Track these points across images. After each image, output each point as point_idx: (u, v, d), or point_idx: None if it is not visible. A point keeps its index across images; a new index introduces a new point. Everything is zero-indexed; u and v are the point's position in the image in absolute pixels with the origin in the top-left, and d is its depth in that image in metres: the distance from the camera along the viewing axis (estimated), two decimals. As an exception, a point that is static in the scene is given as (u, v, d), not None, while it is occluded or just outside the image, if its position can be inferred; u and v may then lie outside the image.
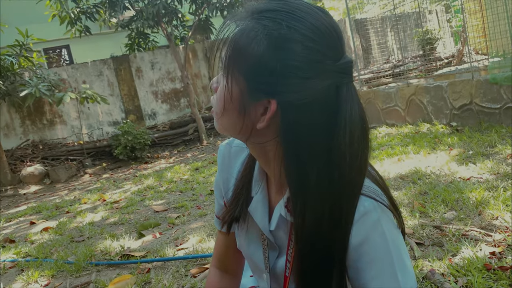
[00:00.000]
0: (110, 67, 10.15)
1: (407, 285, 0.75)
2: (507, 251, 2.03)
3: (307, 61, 0.71)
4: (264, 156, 0.84)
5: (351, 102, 0.72)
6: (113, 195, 5.66)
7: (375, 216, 0.75)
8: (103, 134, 9.91)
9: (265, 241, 0.94)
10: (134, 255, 3.04)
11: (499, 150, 3.81)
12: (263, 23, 0.72)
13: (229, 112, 0.78)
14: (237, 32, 0.75)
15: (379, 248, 0.75)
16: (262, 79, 0.72)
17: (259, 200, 0.92)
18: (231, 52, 0.75)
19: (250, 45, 0.72)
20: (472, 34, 10.00)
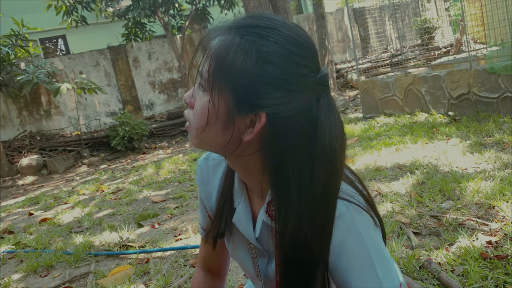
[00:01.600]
0: (107, 57, 10.10)
1: (388, 283, 0.76)
2: (504, 240, 2.04)
3: (293, 75, 0.74)
4: (245, 167, 0.85)
5: (331, 112, 0.76)
6: (111, 186, 5.66)
7: (348, 217, 0.77)
8: (101, 125, 9.89)
9: (252, 250, 0.96)
10: (132, 245, 3.06)
11: (497, 140, 3.82)
12: (250, 39, 0.74)
13: (213, 126, 0.79)
14: (221, 46, 0.76)
15: (356, 248, 0.76)
16: (252, 93, 0.74)
17: (241, 210, 0.94)
18: (216, 66, 0.76)
19: (238, 60, 0.74)
20: (471, 23, 9.97)
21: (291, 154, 0.75)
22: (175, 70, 10.59)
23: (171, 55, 10.43)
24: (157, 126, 9.43)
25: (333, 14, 13.05)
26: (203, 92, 0.79)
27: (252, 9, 8.44)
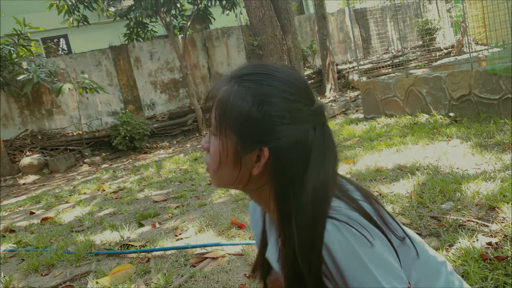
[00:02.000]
0: (109, 57, 10.11)
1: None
2: (504, 242, 2.05)
3: (288, 110, 0.84)
4: (262, 199, 0.94)
5: (326, 140, 0.88)
6: (112, 185, 5.67)
7: (339, 236, 0.81)
8: (102, 124, 9.91)
9: None
10: (133, 244, 3.06)
11: (497, 141, 3.82)
12: (245, 85, 0.86)
13: (225, 165, 0.90)
14: (223, 95, 0.88)
15: (354, 264, 0.81)
16: (253, 132, 0.85)
17: (271, 244, 1.02)
18: (221, 113, 0.87)
19: (237, 105, 0.85)
20: (472, 25, 9.97)
21: (291, 181, 0.85)
22: (177, 70, 10.60)
23: (172, 55, 10.44)
24: (158, 126, 9.44)
25: (335, 15, 13.06)
26: (214, 137, 0.90)
27: (253, 10, 8.45)
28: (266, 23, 8.50)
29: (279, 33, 8.70)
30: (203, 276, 2.38)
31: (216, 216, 3.35)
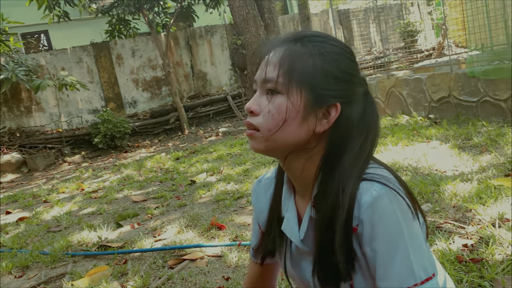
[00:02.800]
0: (90, 53, 9.97)
1: (420, 266, 0.82)
2: (479, 244, 2.07)
3: (354, 70, 0.91)
4: (305, 163, 0.93)
5: (374, 105, 0.94)
6: (91, 185, 5.59)
7: (387, 201, 0.83)
8: (83, 122, 9.76)
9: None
10: (111, 246, 3.02)
11: (475, 143, 3.88)
12: (310, 45, 0.89)
13: (291, 123, 0.88)
14: (287, 54, 0.89)
15: (392, 231, 0.82)
16: (330, 86, 0.88)
17: (289, 216, 1.00)
18: (289, 69, 0.88)
19: (309, 61, 0.87)
20: (453, 27, 10.11)
21: (352, 136, 0.89)
22: (159, 68, 10.50)
23: (155, 52, 10.34)
24: (140, 124, 9.34)
25: (318, 16, 13.11)
26: (274, 95, 0.88)
27: (237, 9, 8.42)
28: (249, 22, 8.47)
29: (262, 33, 8.69)
30: (181, 278, 2.35)
31: (196, 217, 3.33)
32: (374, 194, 0.83)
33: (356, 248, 0.87)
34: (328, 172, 0.90)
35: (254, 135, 0.90)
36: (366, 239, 0.84)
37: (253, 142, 0.92)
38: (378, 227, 0.82)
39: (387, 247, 0.82)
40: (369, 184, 0.85)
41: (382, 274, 0.83)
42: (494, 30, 5.32)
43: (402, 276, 0.81)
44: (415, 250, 0.82)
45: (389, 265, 0.82)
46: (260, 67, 0.92)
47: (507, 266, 1.82)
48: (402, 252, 0.81)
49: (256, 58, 0.94)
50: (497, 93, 4.62)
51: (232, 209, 3.46)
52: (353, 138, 0.89)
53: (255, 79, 0.92)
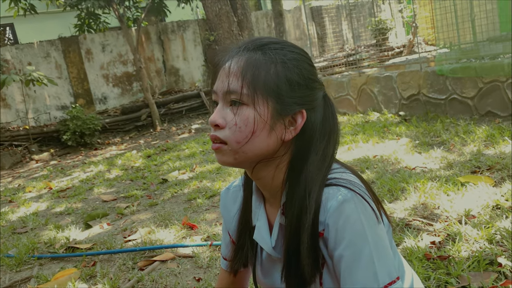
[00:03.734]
0: (58, 48, 9.70)
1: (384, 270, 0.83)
2: (446, 241, 2.11)
3: (314, 75, 0.92)
4: (274, 171, 0.93)
5: (333, 107, 0.95)
6: (60, 183, 5.45)
7: (352, 205, 0.84)
8: (51, 119, 9.50)
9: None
10: (79, 247, 2.95)
11: (443, 140, 3.96)
12: (271, 53, 0.88)
13: (260, 134, 0.88)
14: (248, 64, 0.87)
15: (357, 234, 0.83)
16: (294, 94, 0.88)
17: (260, 225, 0.99)
18: (253, 80, 0.86)
19: (271, 71, 0.87)
20: (423, 26, 10.30)
21: (315, 140, 0.91)
22: (130, 63, 10.31)
23: (126, 47, 10.15)
24: (110, 121, 9.16)
25: (291, 12, 13.13)
26: (240, 107, 0.87)
27: (209, 4, 8.34)
28: (222, 18, 8.41)
29: (235, 29, 8.64)
30: (151, 280, 2.31)
31: (168, 217, 3.28)
32: (340, 199, 0.83)
33: (324, 252, 0.88)
34: (295, 178, 0.90)
35: (222, 148, 0.89)
36: (331, 243, 0.85)
37: (220, 155, 0.90)
38: (343, 232, 0.83)
39: (351, 252, 0.83)
40: (335, 189, 0.86)
41: (346, 278, 0.84)
42: (462, 29, 5.45)
43: (366, 280, 0.82)
44: (379, 254, 0.83)
45: (353, 270, 0.83)
46: (219, 77, 0.90)
47: (472, 262, 1.86)
48: (366, 257, 0.82)
49: (213, 67, 0.93)
50: (465, 91, 4.73)
51: (205, 208, 3.43)
52: (317, 143, 0.91)
53: (214, 90, 0.91)
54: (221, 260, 1.19)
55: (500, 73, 4.37)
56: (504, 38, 5.80)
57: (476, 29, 5.72)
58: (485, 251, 1.94)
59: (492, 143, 3.58)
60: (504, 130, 3.81)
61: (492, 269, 1.81)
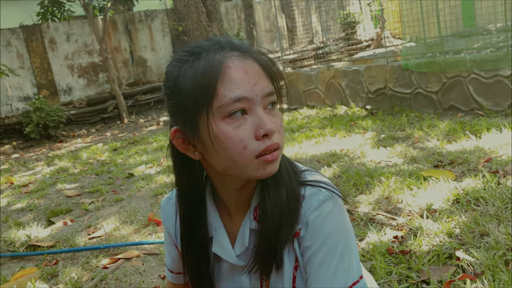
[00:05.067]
0: (20, 37, 9.33)
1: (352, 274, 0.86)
2: (408, 235, 2.16)
3: None
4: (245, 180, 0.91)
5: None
6: (22, 178, 5.28)
7: (331, 204, 0.86)
8: (13, 110, 9.16)
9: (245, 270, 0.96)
10: (41, 245, 2.87)
11: (408, 134, 4.04)
12: (261, 53, 0.91)
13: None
14: (263, 62, 0.88)
15: (334, 230, 0.85)
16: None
17: (219, 236, 0.95)
18: (275, 78, 0.89)
19: (275, 67, 0.91)
20: (391, 19, 10.45)
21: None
22: (96, 53, 10.04)
23: (91, 37, 9.87)
24: (75, 113, 8.91)
25: (261, 4, 13.08)
26: (275, 107, 0.86)
27: (178, -5, 8.22)
28: (191, 8, 8.30)
29: (204, 20, 8.54)
30: (115, 279, 2.27)
31: (133, 213, 3.23)
32: (320, 199, 0.86)
33: (297, 251, 0.89)
34: (270, 180, 0.89)
35: (277, 156, 0.85)
36: (307, 241, 0.86)
37: (277, 164, 0.85)
38: (322, 230, 0.85)
39: (326, 249, 0.85)
40: (316, 189, 0.88)
41: (316, 274, 0.85)
42: (427, 24, 5.55)
43: (336, 277, 0.84)
44: (351, 253, 0.86)
45: (324, 266, 0.84)
46: (241, 82, 0.80)
47: (432, 257, 1.91)
48: (339, 255, 0.85)
49: (210, 75, 0.80)
50: (429, 86, 4.84)
51: (171, 203, 3.38)
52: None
53: (247, 96, 0.80)
54: (166, 272, 1.13)
55: (462, 68, 4.49)
56: (467, 34, 5.96)
57: (441, 24, 5.85)
58: (444, 245, 1.99)
59: (454, 137, 3.68)
60: (465, 125, 3.92)
61: (451, 262, 1.86)
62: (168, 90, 0.85)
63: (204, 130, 0.81)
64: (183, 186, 0.95)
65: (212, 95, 0.79)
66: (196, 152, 0.86)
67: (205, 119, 0.80)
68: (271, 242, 0.87)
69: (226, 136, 0.79)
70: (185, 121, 0.84)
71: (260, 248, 0.89)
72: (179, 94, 0.82)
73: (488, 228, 2.04)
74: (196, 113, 0.81)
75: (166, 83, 0.87)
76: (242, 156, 0.80)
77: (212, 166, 0.87)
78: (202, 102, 0.80)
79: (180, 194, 0.96)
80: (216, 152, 0.81)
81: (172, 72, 0.84)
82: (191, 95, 0.81)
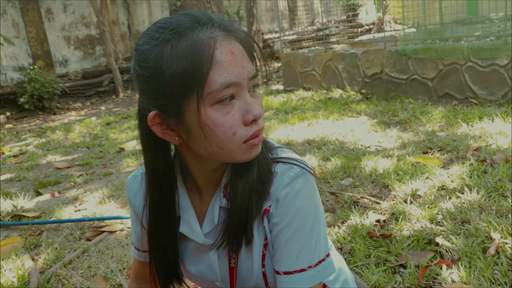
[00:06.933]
0: (16, 5, 9.18)
1: (319, 252, 0.86)
2: (390, 220, 2.17)
3: None
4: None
5: None
6: (13, 148, 5.26)
7: (302, 180, 0.85)
8: (7, 80, 9.08)
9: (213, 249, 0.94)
10: (26, 215, 2.86)
11: (400, 120, 4.03)
12: (241, 29, 0.86)
13: None
14: (246, 42, 0.84)
15: (304, 206, 0.85)
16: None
17: (187, 216, 0.94)
18: (254, 59, 0.86)
19: (256, 47, 0.89)
20: (394, 4, 10.33)
21: None
22: (93, 25, 9.92)
23: (89, 9, 9.73)
24: (71, 85, 8.84)
25: (263, -18, 12.88)
26: (256, 90, 0.84)
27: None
28: (190, -16, 8.16)
29: (204, -4, 8.41)
30: (97, 251, 2.28)
31: (121, 187, 3.22)
32: (292, 175, 0.85)
33: (267, 229, 0.88)
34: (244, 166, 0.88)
35: (261, 139, 0.84)
36: (276, 217, 0.85)
37: (260, 145, 0.85)
38: (292, 206, 0.84)
39: (295, 225, 0.84)
40: (287, 166, 0.86)
41: (283, 249, 0.85)
42: (429, 9, 5.49)
43: (304, 253, 0.85)
44: (320, 231, 0.86)
45: (292, 242, 0.84)
46: (229, 66, 0.76)
47: (412, 241, 1.92)
48: (308, 232, 0.85)
49: (198, 58, 0.75)
50: (425, 72, 4.81)
51: (159, 179, 3.38)
52: None
53: (235, 81, 0.77)
54: (133, 250, 1.10)
55: (459, 56, 4.45)
56: (469, 21, 5.90)
57: (443, 10, 5.77)
58: (425, 230, 1.99)
59: (446, 124, 3.67)
60: (458, 113, 3.90)
61: (430, 248, 1.87)
62: (146, 72, 0.78)
63: (190, 117, 0.77)
64: (152, 166, 0.91)
65: (201, 81, 0.74)
66: (176, 137, 0.83)
67: (192, 106, 0.76)
68: (241, 218, 0.87)
69: (216, 123, 0.76)
70: (167, 107, 0.79)
71: (229, 223, 0.88)
72: (161, 78, 0.76)
73: (470, 215, 2.05)
74: (182, 99, 0.76)
75: (141, 63, 0.78)
76: (231, 142, 0.79)
77: (195, 151, 0.84)
78: (190, 88, 0.75)
79: (149, 174, 0.93)
80: (203, 138, 0.78)
81: (150, 52, 0.77)
82: (176, 81, 0.75)
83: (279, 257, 0.86)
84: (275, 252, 0.87)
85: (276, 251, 0.86)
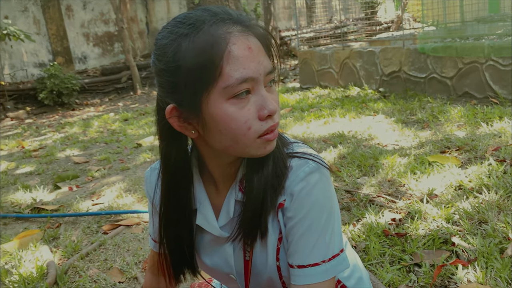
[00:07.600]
0: (37, 3, 9.35)
1: (332, 247, 0.87)
2: (406, 218, 2.15)
3: None
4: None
5: None
6: (33, 143, 5.36)
7: (318, 175, 0.86)
8: (28, 76, 9.26)
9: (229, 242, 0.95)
10: (45, 208, 2.92)
11: (418, 119, 3.98)
12: (257, 24, 0.87)
13: None
14: (263, 37, 0.84)
15: (318, 201, 0.85)
16: None
17: (204, 208, 0.95)
18: (273, 55, 0.87)
19: (273, 41, 0.89)
20: (413, 2, 10.20)
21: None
22: (112, 23, 10.03)
23: (108, 6, 9.84)
24: (89, 82, 8.97)
25: (281, -21, 12.85)
26: (273, 84, 0.85)
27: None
28: (208, -19, 8.18)
29: (221, -7, 8.42)
30: (114, 244, 2.31)
31: (138, 181, 3.26)
32: (307, 170, 0.85)
33: (281, 223, 0.89)
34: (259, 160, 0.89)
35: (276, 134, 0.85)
36: (291, 211, 0.86)
37: (275, 141, 0.86)
38: (307, 200, 0.84)
39: (310, 219, 0.85)
40: (303, 161, 0.87)
41: (297, 242, 0.86)
42: (449, 7, 5.41)
43: (318, 247, 0.85)
44: (334, 225, 0.87)
45: (307, 235, 0.85)
46: (245, 62, 0.77)
47: (428, 241, 1.90)
48: (322, 226, 0.85)
49: (212, 53, 0.76)
50: (444, 71, 4.74)
51: (175, 174, 3.41)
52: None
53: (251, 76, 0.77)
54: (150, 241, 1.13)
55: (479, 55, 4.37)
56: (490, 19, 5.79)
57: (464, 8, 5.69)
58: (441, 230, 1.97)
59: (465, 124, 3.61)
60: (478, 112, 3.84)
61: (445, 247, 1.85)
62: (164, 66, 0.80)
63: (206, 110, 0.78)
64: (170, 159, 0.92)
65: (217, 76, 0.75)
66: (193, 131, 0.84)
67: (208, 100, 0.77)
68: (256, 211, 0.87)
69: (231, 117, 0.77)
70: (184, 100, 0.80)
71: (244, 216, 0.89)
72: (178, 72, 0.78)
73: (488, 216, 2.02)
74: (199, 93, 0.77)
75: (160, 57, 0.80)
76: (246, 136, 0.79)
77: (210, 144, 0.85)
78: (206, 82, 0.76)
79: (166, 167, 0.94)
80: (219, 132, 0.79)
81: (168, 46, 0.79)
82: (193, 75, 0.76)
83: (293, 251, 0.86)
84: (289, 246, 0.87)
85: (290, 245, 0.87)
